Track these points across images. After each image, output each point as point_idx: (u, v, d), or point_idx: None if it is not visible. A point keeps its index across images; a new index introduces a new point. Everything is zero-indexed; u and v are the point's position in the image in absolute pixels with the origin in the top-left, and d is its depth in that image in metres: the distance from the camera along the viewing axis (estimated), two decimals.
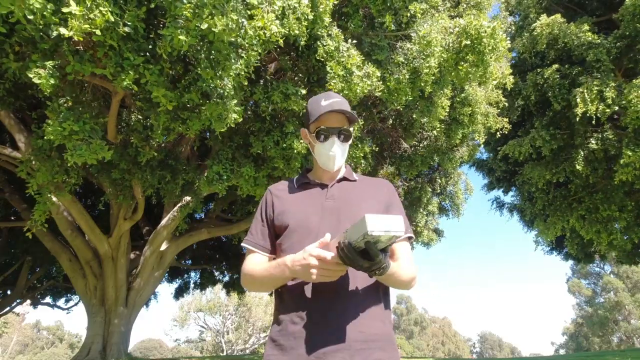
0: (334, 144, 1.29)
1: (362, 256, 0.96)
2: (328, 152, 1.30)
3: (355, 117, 1.33)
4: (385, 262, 0.99)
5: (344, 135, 1.31)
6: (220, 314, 34.93)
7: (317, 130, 1.30)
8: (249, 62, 4.36)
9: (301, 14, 4.67)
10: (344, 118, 1.32)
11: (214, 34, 3.75)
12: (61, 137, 4.19)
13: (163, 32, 3.66)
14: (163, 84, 4.10)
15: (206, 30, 3.69)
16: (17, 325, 43.56)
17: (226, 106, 4.40)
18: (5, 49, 3.99)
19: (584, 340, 41.50)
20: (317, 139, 1.31)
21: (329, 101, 1.29)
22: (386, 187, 1.37)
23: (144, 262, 9.02)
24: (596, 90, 8.23)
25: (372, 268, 0.98)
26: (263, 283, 1.22)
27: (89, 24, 3.34)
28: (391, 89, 5.99)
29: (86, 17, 3.31)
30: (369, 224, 0.89)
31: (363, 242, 0.92)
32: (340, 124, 1.31)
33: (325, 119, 1.30)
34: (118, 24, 3.54)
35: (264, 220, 1.34)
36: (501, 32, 5.86)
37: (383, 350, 1.12)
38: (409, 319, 57.17)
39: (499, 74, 6.68)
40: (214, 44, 3.92)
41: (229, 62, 4.08)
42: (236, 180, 6.17)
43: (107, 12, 3.37)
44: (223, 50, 3.97)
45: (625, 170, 8.36)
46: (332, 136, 1.30)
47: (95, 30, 3.39)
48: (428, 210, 11.46)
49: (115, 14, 3.53)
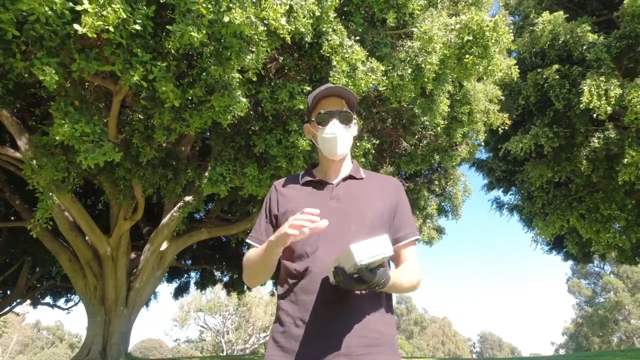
0: (333, 125, 1.28)
1: (358, 281, 0.96)
2: (329, 135, 1.28)
3: (354, 98, 1.31)
4: (383, 277, 0.99)
5: (345, 118, 1.30)
6: (220, 314, 34.92)
7: (317, 115, 1.30)
8: (259, 57, 4.37)
9: (308, 11, 4.67)
10: (343, 102, 1.31)
11: (227, 28, 3.76)
12: (71, 138, 4.21)
13: (172, 28, 3.67)
14: (171, 79, 4.11)
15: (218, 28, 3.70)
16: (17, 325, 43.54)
17: (232, 96, 4.41)
18: (13, 49, 4.00)
19: (584, 340, 41.50)
20: (318, 125, 1.31)
21: (327, 87, 1.30)
22: (394, 186, 1.35)
23: (144, 262, 9.01)
24: (603, 86, 8.20)
25: (370, 289, 1.00)
26: (255, 265, 1.24)
27: (102, 21, 3.36)
28: (394, 85, 5.97)
29: (99, 14, 3.33)
30: (356, 254, 0.90)
31: (355, 270, 0.94)
32: (339, 106, 1.30)
33: (325, 103, 1.30)
34: (128, 22, 3.55)
35: (267, 216, 1.33)
36: (503, 25, 5.83)
37: (384, 355, 1.11)
38: (409, 319, 57.18)
39: (503, 65, 6.65)
40: (225, 40, 3.92)
41: (242, 55, 4.08)
42: (239, 181, 6.16)
43: (119, 9, 3.38)
44: (235, 45, 3.97)
45: (628, 170, 8.34)
46: (332, 118, 1.29)
47: (108, 27, 3.41)
48: (427, 212, 11.45)
49: (127, 12, 3.55)
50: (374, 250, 0.91)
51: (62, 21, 3.46)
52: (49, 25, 3.51)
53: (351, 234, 1.17)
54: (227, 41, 3.97)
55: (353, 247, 0.91)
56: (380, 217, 1.23)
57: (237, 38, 4.01)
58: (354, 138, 1.46)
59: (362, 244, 0.91)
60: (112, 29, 3.44)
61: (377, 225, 1.21)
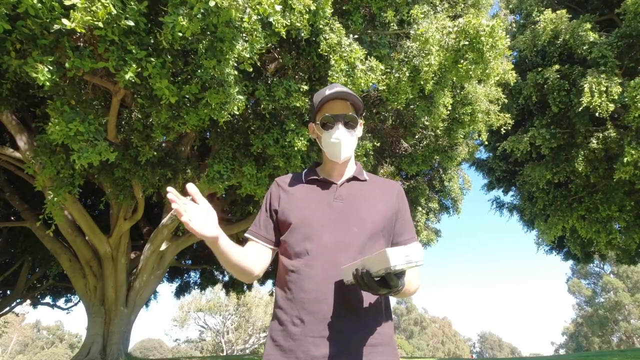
0: (338, 130, 1.27)
1: (382, 284, 0.96)
2: (334, 139, 1.27)
3: (360, 102, 1.30)
4: (404, 284, 0.99)
5: (350, 122, 1.29)
6: (220, 314, 34.92)
7: (322, 119, 1.29)
8: (253, 47, 4.31)
9: (303, 5, 4.63)
10: (348, 105, 1.29)
11: (218, 17, 3.70)
12: (66, 137, 4.18)
13: (164, 20, 3.65)
14: (165, 75, 4.08)
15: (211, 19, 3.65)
16: (17, 325, 43.60)
17: (227, 93, 4.38)
18: (7, 47, 3.98)
19: (583, 340, 41.51)
20: (323, 128, 1.30)
21: (332, 90, 1.28)
22: (396, 191, 1.35)
23: (144, 262, 9.01)
24: (604, 83, 8.16)
25: (388, 294, 1.01)
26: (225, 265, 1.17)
27: (91, 17, 3.33)
28: (391, 87, 5.97)
29: (88, 9, 3.30)
30: (392, 259, 0.89)
31: (384, 273, 0.93)
32: (345, 110, 1.28)
33: (330, 106, 1.29)
34: (120, 18, 3.53)
35: (268, 211, 1.32)
36: (500, 30, 5.82)
37: (383, 355, 1.11)
38: (409, 319, 57.18)
39: (500, 69, 6.64)
40: (218, 30, 3.88)
41: (235, 44, 4.02)
42: (237, 180, 6.15)
43: (108, 4, 3.35)
44: (228, 35, 3.93)
45: (625, 169, 8.31)
46: (337, 123, 1.27)
47: (97, 23, 3.38)
48: (429, 207, 11.44)
49: (118, 7, 3.52)
50: (409, 257, 0.91)
51: (53, 15, 3.42)
52: (39, 18, 3.48)
53: (354, 235, 1.17)
54: (220, 32, 3.91)
55: (389, 252, 0.90)
56: (382, 220, 1.23)
57: (230, 27, 3.95)
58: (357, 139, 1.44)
59: (398, 249, 0.91)
60: (101, 25, 3.41)
61: (378, 227, 1.21)
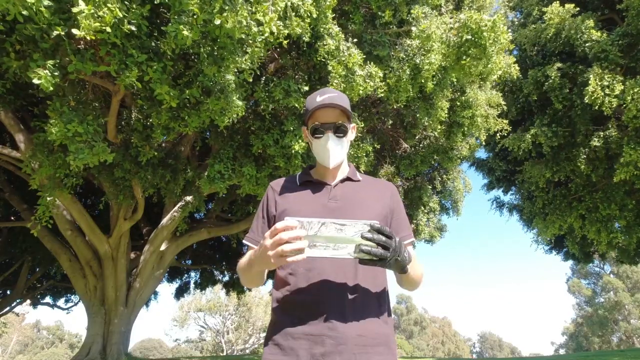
0: (328, 139, 1.27)
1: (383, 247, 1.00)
2: (324, 148, 1.27)
3: (349, 112, 1.30)
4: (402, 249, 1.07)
5: (339, 130, 1.28)
6: (220, 314, 34.93)
7: (312, 127, 1.29)
8: (253, 58, 4.35)
9: (304, 11, 4.64)
10: (340, 112, 1.28)
11: (222, 30, 3.74)
12: (64, 138, 4.18)
13: (167, 29, 3.66)
14: (166, 81, 4.09)
15: (212, 27, 3.68)
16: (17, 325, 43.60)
17: (228, 100, 4.39)
18: (6, 48, 3.97)
19: (583, 340, 41.51)
20: (313, 136, 1.30)
21: (323, 97, 1.26)
22: (390, 191, 1.36)
23: (144, 262, 9.01)
24: (608, 78, 8.10)
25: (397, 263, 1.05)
26: (245, 274, 1.24)
27: (99, 22, 3.34)
28: (391, 86, 5.96)
29: (95, 15, 3.31)
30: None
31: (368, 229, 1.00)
32: (335, 118, 1.28)
33: (320, 114, 1.28)
34: (123, 22, 3.54)
35: (264, 217, 1.33)
36: (502, 24, 5.82)
37: (381, 355, 1.12)
38: (409, 318, 57.17)
39: (503, 64, 6.63)
40: (219, 40, 3.90)
41: (235, 56, 4.06)
42: (237, 180, 6.15)
43: (115, 8, 3.36)
44: (228, 46, 3.96)
45: (625, 169, 8.31)
46: (327, 132, 1.27)
47: (105, 28, 3.39)
48: (430, 207, 11.45)
49: (123, 11, 3.53)
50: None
51: (51, 21, 3.41)
52: (36, 24, 3.47)
53: None
54: (222, 41, 3.95)
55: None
56: (377, 219, 1.23)
57: (231, 39, 3.99)
58: (354, 140, 1.44)
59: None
60: (109, 29, 3.42)
61: None
